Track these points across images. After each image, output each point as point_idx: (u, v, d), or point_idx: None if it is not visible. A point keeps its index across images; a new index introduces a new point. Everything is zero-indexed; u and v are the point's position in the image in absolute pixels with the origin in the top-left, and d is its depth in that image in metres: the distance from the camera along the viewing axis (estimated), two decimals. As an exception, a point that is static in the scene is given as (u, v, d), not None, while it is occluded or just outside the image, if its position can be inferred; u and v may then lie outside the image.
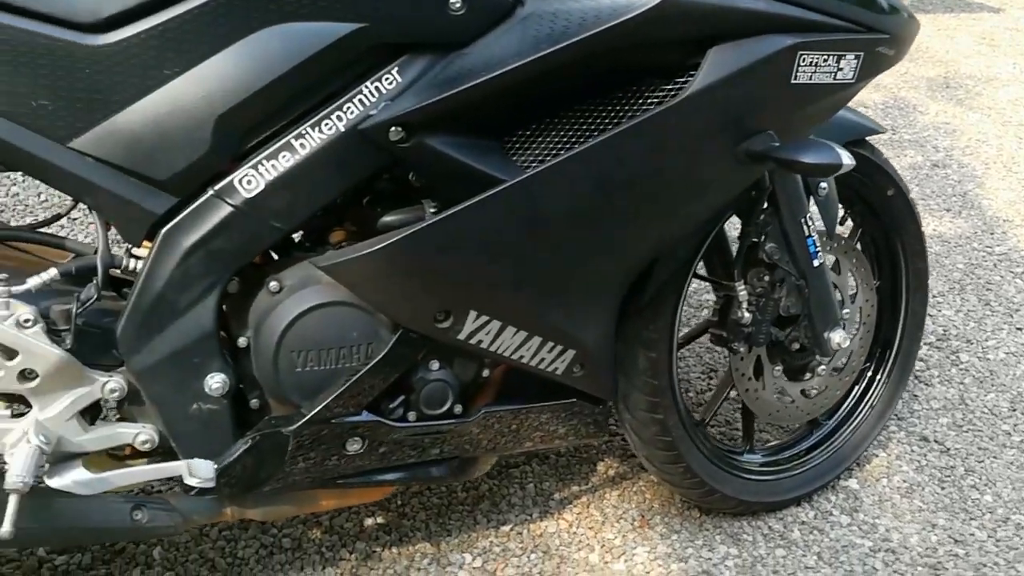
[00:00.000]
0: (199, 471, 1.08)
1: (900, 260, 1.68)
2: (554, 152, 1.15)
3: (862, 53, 1.21)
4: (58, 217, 1.20)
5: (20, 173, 1.09)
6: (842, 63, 1.20)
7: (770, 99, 1.17)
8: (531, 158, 1.16)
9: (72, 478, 1.06)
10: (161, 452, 1.17)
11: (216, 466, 1.12)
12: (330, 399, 1.14)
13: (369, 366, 1.15)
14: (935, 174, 3.22)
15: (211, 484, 1.10)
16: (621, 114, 1.15)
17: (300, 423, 1.14)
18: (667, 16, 1.06)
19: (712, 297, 2.24)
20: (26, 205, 2.23)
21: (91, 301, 1.07)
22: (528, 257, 1.16)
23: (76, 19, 0.99)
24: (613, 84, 1.17)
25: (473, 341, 1.19)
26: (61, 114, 1.01)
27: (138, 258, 1.11)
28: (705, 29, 1.10)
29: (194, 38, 1.02)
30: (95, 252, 1.11)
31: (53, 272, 1.05)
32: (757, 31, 1.13)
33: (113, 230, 1.11)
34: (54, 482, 1.05)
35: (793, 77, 1.16)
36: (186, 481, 1.09)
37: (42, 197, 2.27)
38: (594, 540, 1.59)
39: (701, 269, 1.50)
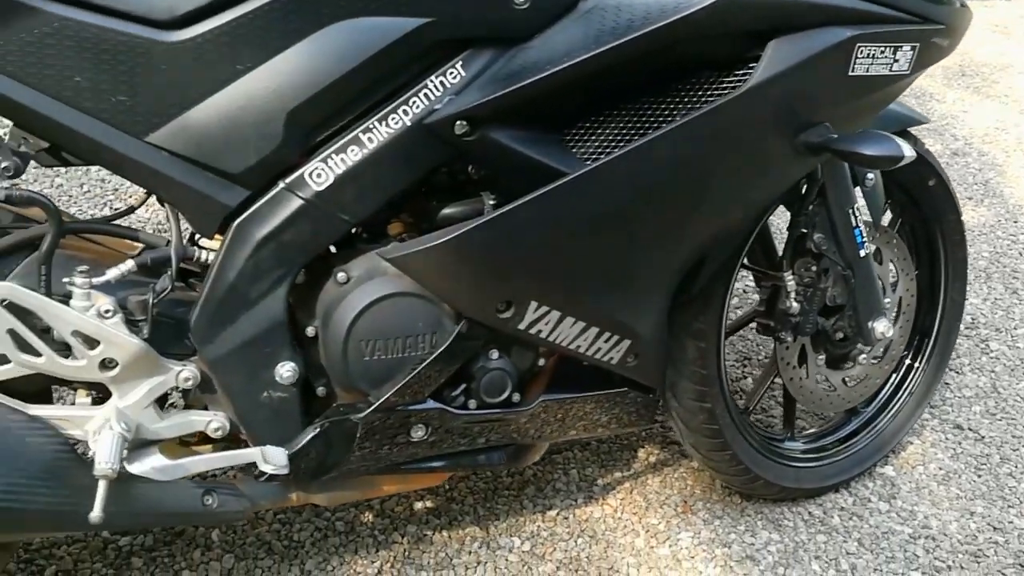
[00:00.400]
0: (273, 458, 1.11)
1: (939, 249, 1.69)
2: (613, 145, 1.17)
3: (918, 44, 1.23)
4: (131, 210, 1.23)
5: (62, 165, 1.11)
6: (898, 54, 1.21)
7: (828, 91, 1.19)
8: (590, 150, 1.18)
9: (151, 464, 1.09)
10: (227, 439, 1.20)
11: (287, 452, 1.15)
12: (397, 387, 1.16)
13: (434, 355, 1.17)
14: (955, 163, 3.23)
15: (285, 471, 1.12)
16: (679, 107, 1.16)
17: (369, 410, 1.16)
18: (730, 9, 1.08)
19: (742, 286, 2.27)
20: (70, 196, 2.26)
21: (166, 292, 1.09)
22: (589, 248, 1.18)
23: (153, 16, 1.01)
24: (669, 77, 1.18)
25: (533, 331, 1.21)
26: (139, 109, 1.02)
27: (209, 250, 1.14)
28: (766, 22, 1.12)
29: (265, 34, 1.04)
30: (167, 244, 1.13)
31: (130, 264, 1.08)
32: (816, 23, 1.14)
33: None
34: (134, 468, 1.07)
35: (851, 69, 1.18)
36: (261, 468, 1.11)
37: (84, 188, 2.29)
38: (639, 525, 1.61)
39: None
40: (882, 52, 1.19)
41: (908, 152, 1.16)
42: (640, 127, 1.17)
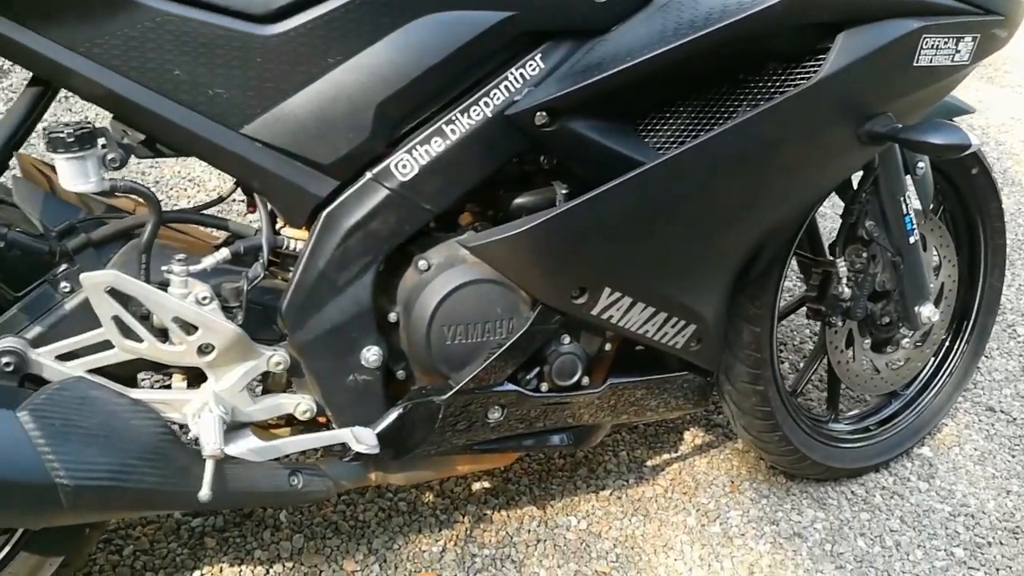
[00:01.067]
0: (364, 438, 1.14)
1: (980, 235, 1.73)
2: (684, 135, 1.20)
3: (979, 35, 1.26)
4: (220, 200, 1.26)
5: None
6: (960, 45, 1.25)
7: (893, 82, 1.22)
8: (662, 140, 1.21)
9: (247, 446, 1.12)
10: (306, 422, 1.24)
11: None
12: (479, 370, 1.20)
13: (513, 339, 1.21)
14: (974, 150, 3.26)
15: (375, 450, 1.16)
16: (748, 99, 1.20)
17: (452, 392, 1.20)
18: (808, 1, 1.11)
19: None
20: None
21: (257, 279, 1.12)
22: (663, 235, 1.22)
23: (250, 10, 1.03)
24: (737, 69, 1.22)
25: (605, 316, 1.25)
26: (235, 102, 1.05)
27: (294, 239, 1.17)
28: (839, 13, 1.15)
29: (357, 27, 1.07)
30: (254, 234, 1.17)
31: (225, 252, 1.11)
32: (884, 15, 1.17)
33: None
34: (230, 449, 1.11)
35: (916, 60, 1.21)
36: (353, 447, 1.15)
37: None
38: (689, 504, 1.66)
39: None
40: (945, 43, 1.23)
41: (974, 141, 1.19)
42: (711, 118, 1.20)
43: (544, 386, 1.28)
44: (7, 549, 1.20)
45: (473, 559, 1.51)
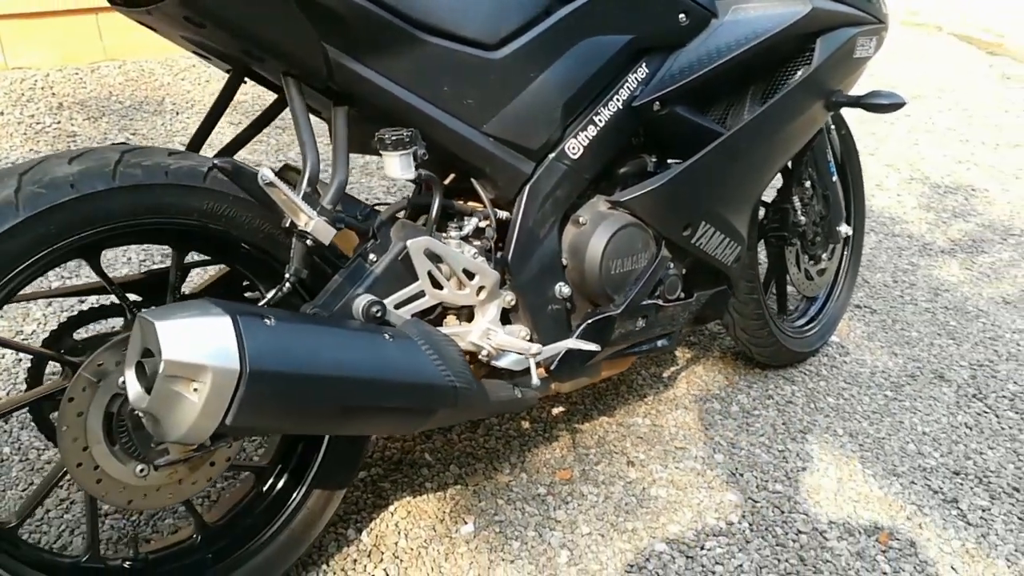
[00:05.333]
0: (587, 344, 1.58)
1: (848, 176, 2.45)
2: (728, 114, 1.77)
3: (877, 36, 1.94)
4: (454, 187, 1.62)
5: None
6: (870, 44, 1.92)
7: (843, 68, 1.86)
8: (716, 118, 1.77)
9: (508, 360, 1.51)
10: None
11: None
12: (636, 290, 1.67)
13: (654, 265, 1.70)
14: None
15: (598, 349, 1.59)
16: (768, 86, 1.78)
17: (622, 308, 1.66)
18: (811, 19, 1.71)
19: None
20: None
21: (493, 239, 1.52)
22: (733, 181, 1.77)
23: (485, 40, 1.44)
24: (756, 67, 1.79)
25: (697, 244, 1.77)
26: (479, 108, 1.45)
27: (502, 211, 1.57)
28: (820, 25, 1.77)
29: (546, 49, 1.51)
30: (471, 212, 1.56)
31: (476, 220, 1.50)
32: (840, 25, 1.81)
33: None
34: (500, 363, 1.50)
35: (854, 54, 1.86)
36: (583, 348, 1.57)
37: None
38: (709, 396, 2.21)
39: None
40: (867, 42, 1.89)
41: (905, 100, 1.86)
42: (743, 101, 1.77)
43: (661, 301, 1.78)
44: (304, 488, 1.49)
45: (587, 456, 1.96)
